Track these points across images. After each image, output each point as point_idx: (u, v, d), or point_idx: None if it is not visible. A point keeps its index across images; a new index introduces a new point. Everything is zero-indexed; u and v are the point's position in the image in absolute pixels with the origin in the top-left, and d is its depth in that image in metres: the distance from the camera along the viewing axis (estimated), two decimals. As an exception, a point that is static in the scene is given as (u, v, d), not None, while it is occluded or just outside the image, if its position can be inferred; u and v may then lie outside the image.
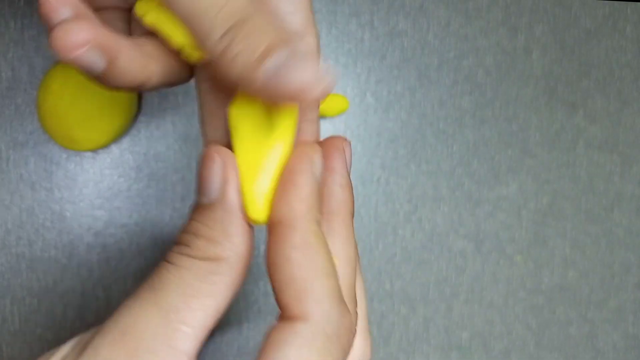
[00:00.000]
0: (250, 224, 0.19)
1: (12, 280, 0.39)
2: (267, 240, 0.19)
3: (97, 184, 0.40)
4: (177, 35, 0.19)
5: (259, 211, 0.19)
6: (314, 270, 0.18)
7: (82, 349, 0.18)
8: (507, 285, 0.43)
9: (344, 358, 0.19)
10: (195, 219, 0.19)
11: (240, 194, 0.19)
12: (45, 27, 0.40)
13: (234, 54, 0.17)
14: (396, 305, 0.42)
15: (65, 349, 0.19)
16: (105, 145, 0.39)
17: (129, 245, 0.40)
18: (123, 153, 0.40)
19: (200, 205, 0.19)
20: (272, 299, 0.40)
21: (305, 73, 0.17)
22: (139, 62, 0.18)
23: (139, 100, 0.40)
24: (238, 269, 0.18)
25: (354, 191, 0.21)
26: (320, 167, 0.20)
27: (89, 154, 0.40)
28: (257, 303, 0.41)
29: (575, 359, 0.44)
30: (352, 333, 0.19)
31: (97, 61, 0.17)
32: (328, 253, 0.19)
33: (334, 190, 0.21)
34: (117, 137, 0.39)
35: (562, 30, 0.44)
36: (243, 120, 0.20)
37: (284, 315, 0.18)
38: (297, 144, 0.20)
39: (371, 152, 0.42)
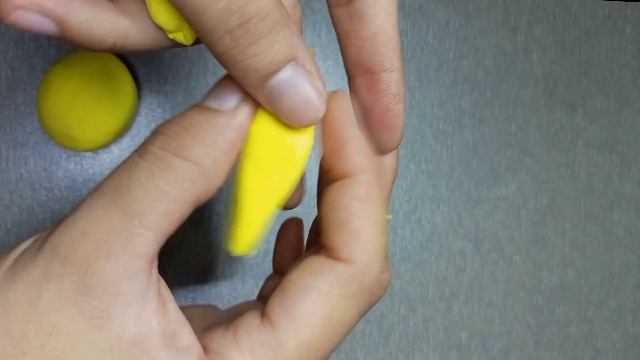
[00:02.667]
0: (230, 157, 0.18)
1: (12, 280, 0.39)
2: (324, 188, 0.19)
3: (97, 184, 0.40)
4: (161, 16, 0.17)
5: (244, 247, 0.19)
6: (369, 223, 0.18)
7: (41, 244, 0.17)
8: (507, 285, 0.43)
9: (368, 310, 0.19)
10: (192, 116, 0.18)
11: (250, 120, 0.18)
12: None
13: (236, 61, 0.17)
14: (396, 305, 0.42)
15: (27, 243, 0.18)
16: (105, 145, 0.39)
17: (128, 245, 0.40)
18: (123, 153, 0.40)
19: (205, 106, 0.18)
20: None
21: (308, 94, 0.17)
22: (102, 21, 0.17)
23: (138, 100, 0.40)
24: (211, 184, 0.17)
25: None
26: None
27: (88, 154, 0.40)
28: (257, 303, 0.41)
29: (575, 358, 0.44)
30: (384, 291, 0.20)
31: (44, 23, 0.16)
32: (384, 209, 0.19)
33: None
34: (117, 137, 0.39)
35: (561, 31, 0.44)
36: (259, 145, 0.18)
37: (328, 254, 0.18)
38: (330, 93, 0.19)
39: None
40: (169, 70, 0.40)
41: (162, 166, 0.17)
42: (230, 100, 0.18)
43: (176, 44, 0.19)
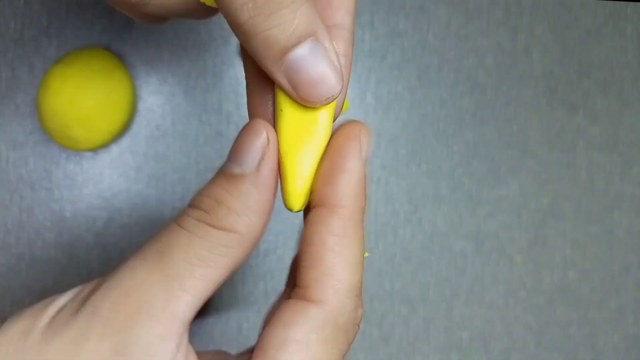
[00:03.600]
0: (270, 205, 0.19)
1: (12, 280, 0.39)
2: (306, 217, 0.19)
3: (96, 184, 0.40)
4: None
5: (298, 201, 0.19)
6: (344, 261, 0.18)
7: (82, 302, 0.18)
8: (507, 286, 0.43)
9: (348, 349, 0.19)
10: (220, 185, 0.18)
11: (275, 174, 0.19)
12: (45, 27, 0.41)
13: (257, 31, 0.17)
14: (396, 306, 0.42)
15: (64, 299, 0.19)
16: (105, 145, 0.39)
17: (129, 245, 0.40)
18: (123, 153, 0.40)
19: (229, 173, 0.18)
20: (272, 300, 0.40)
21: (326, 70, 0.17)
22: None
23: (138, 100, 0.40)
24: (247, 246, 0.18)
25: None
26: (368, 149, 0.20)
27: (88, 153, 0.40)
28: (257, 303, 0.41)
29: (576, 359, 0.44)
30: (358, 327, 0.19)
31: None
32: (362, 245, 0.19)
33: None
34: (117, 137, 0.39)
35: (562, 31, 0.44)
36: (287, 102, 0.19)
37: (300, 294, 0.18)
38: (344, 121, 0.20)
39: (371, 152, 0.42)
40: (169, 70, 0.40)
41: (201, 234, 0.18)
42: (251, 161, 0.18)
43: (198, 11, 0.19)
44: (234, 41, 0.41)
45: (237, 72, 0.41)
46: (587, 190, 0.44)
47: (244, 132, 0.18)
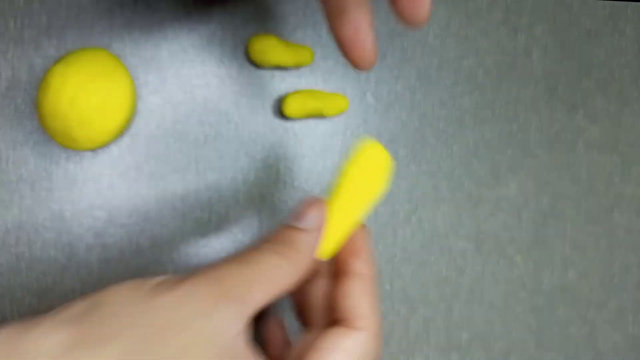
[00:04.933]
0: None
1: (11, 280, 0.39)
2: (344, 283, 0.29)
3: (96, 184, 0.40)
4: None
5: (328, 255, 0.29)
6: (374, 302, 0.29)
7: (181, 280, 0.25)
8: (507, 286, 0.43)
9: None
10: (288, 232, 0.28)
11: (321, 234, 0.28)
12: (45, 27, 0.40)
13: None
14: (396, 306, 0.42)
15: (158, 278, 0.27)
16: (105, 145, 0.39)
17: (128, 245, 0.40)
18: (123, 153, 0.40)
19: (294, 227, 0.28)
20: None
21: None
22: None
23: (138, 100, 0.40)
24: (298, 276, 0.27)
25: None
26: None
27: (88, 153, 0.40)
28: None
29: (576, 359, 0.44)
30: None
31: None
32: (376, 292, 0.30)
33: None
34: (117, 137, 0.39)
35: (562, 31, 0.44)
36: (348, 184, 0.29)
37: (351, 325, 0.27)
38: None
39: (371, 152, 0.42)
40: (169, 70, 0.40)
41: (273, 257, 0.27)
42: (311, 223, 0.28)
43: None
44: (232, 42, 0.41)
45: (238, 72, 0.41)
46: (586, 190, 0.44)
47: (310, 203, 0.28)
